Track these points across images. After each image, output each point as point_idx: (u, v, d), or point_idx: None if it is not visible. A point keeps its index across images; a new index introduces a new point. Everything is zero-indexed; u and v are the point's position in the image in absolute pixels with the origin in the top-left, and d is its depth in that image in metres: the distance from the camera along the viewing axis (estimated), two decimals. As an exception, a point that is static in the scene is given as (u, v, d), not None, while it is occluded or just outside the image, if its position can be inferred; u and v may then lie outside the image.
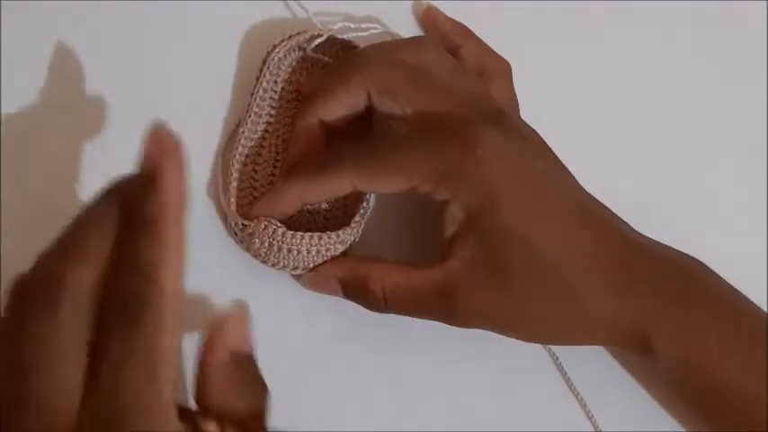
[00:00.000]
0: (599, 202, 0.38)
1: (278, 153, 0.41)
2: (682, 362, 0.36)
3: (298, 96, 0.41)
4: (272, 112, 0.41)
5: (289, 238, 0.36)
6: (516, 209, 0.35)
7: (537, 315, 0.36)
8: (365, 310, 0.38)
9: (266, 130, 0.41)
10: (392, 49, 0.39)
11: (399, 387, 0.40)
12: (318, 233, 0.37)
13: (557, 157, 0.38)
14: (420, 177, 0.35)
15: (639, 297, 0.36)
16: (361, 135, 0.40)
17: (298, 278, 0.39)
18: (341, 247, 0.38)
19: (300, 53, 0.41)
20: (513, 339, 0.37)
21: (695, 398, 0.38)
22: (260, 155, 0.40)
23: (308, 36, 0.40)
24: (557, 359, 0.41)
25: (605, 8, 0.47)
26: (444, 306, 0.36)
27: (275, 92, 0.41)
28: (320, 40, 0.40)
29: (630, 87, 0.46)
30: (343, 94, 0.37)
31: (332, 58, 0.42)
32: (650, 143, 0.46)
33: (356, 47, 0.41)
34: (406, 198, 0.37)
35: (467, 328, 0.37)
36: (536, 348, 0.41)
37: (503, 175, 0.35)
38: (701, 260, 0.38)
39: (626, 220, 0.38)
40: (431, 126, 0.36)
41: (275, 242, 0.36)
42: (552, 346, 0.41)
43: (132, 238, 0.25)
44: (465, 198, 0.35)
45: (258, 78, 0.40)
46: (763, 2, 0.49)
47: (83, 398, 0.24)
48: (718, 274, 0.38)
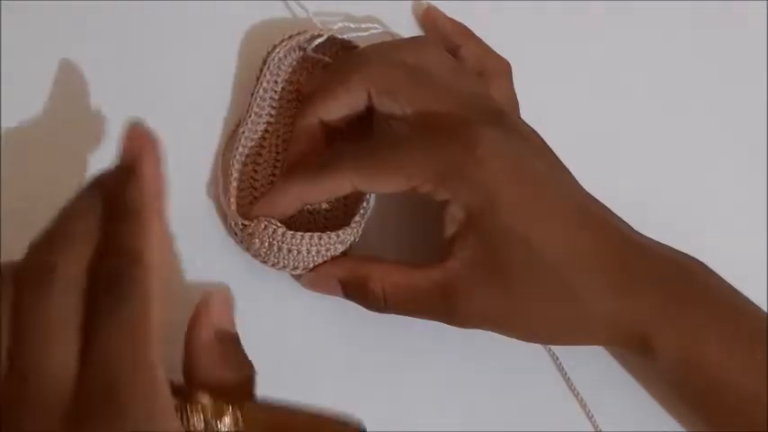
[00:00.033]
0: (599, 202, 0.38)
1: (278, 153, 0.41)
2: (682, 362, 0.36)
3: (298, 96, 0.41)
4: (272, 112, 0.41)
5: (289, 238, 0.36)
6: (516, 209, 0.35)
7: (537, 315, 0.36)
8: (365, 310, 0.38)
9: (266, 130, 0.41)
10: (392, 49, 0.39)
11: (399, 387, 0.40)
12: (318, 233, 0.37)
13: (557, 157, 0.38)
14: (420, 177, 0.35)
15: (639, 297, 0.36)
16: (361, 135, 0.40)
17: (298, 278, 0.39)
18: (341, 247, 0.38)
19: (300, 53, 0.41)
20: (513, 339, 0.37)
21: (695, 398, 0.38)
22: (260, 155, 0.40)
23: (308, 36, 0.40)
24: (557, 359, 0.41)
25: (605, 8, 0.47)
26: (444, 306, 0.36)
27: (275, 92, 0.41)
28: (320, 40, 0.40)
29: (630, 87, 0.46)
30: (344, 94, 0.37)
31: (332, 58, 0.42)
32: (650, 143, 0.46)
33: (356, 47, 0.41)
34: (406, 198, 0.37)
35: (467, 328, 0.37)
36: (536, 348, 0.41)
37: (503, 175, 0.35)
38: (700, 260, 0.38)
39: (626, 220, 0.38)
40: (431, 126, 0.36)
41: (275, 242, 0.36)
42: (552, 346, 0.41)
43: (115, 225, 0.27)
44: (465, 198, 0.35)
45: (258, 78, 0.40)
46: (763, 2, 0.49)
47: (78, 375, 0.25)
48: (718, 274, 0.38)
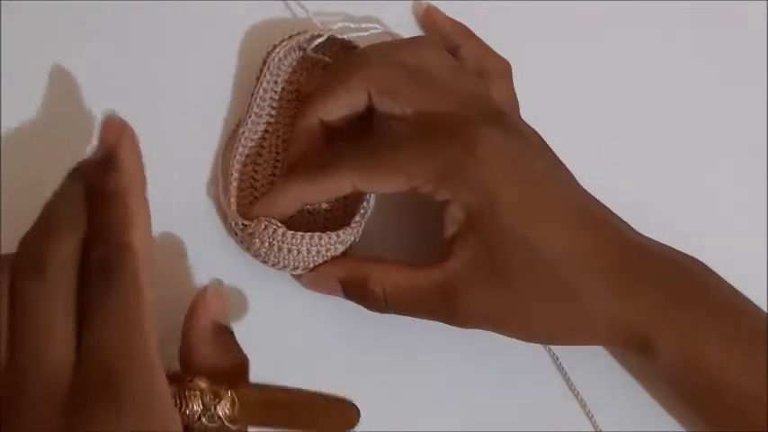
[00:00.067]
0: (599, 202, 0.38)
1: (278, 153, 0.41)
2: (682, 362, 0.36)
3: (298, 96, 0.41)
4: (272, 112, 0.41)
5: (289, 238, 0.36)
6: (516, 209, 0.35)
7: (537, 315, 0.36)
8: (365, 310, 0.38)
9: (266, 131, 0.41)
10: (392, 49, 0.39)
11: (399, 387, 0.40)
12: (318, 233, 0.37)
13: (557, 157, 0.38)
14: (420, 177, 0.35)
15: (639, 297, 0.36)
16: (361, 135, 0.40)
17: (298, 278, 0.39)
18: (341, 247, 0.38)
19: (300, 53, 0.41)
20: (513, 339, 0.37)
21: (695, 398, 0.38)
22: (260, 155, 0.40)
23: (308, 36, 0.40)
24: (557, 359, 0.41)
25: (605, 8, 0.47)
26: (444, 306, 0.36)
27: (275, 92, 0.41)
28: (320, 40, 0.40)
29: (630, 87, 0.46)
30: (344, 94, 0.37)
31: (332, 58, 0.42)
32: (650, 143, 0.46)
33: (356, 47, 0.41)
34: (406, 198, 0.37)
35: (467, 328, 0.37)
36: (536, 348, 0.41)
37: (503, 175, 0.35)
38: (700, 260, 0.38)
39: (626, 220, 0.38)
40: (431, 126, 0.36)
41: (275, 242, 0.36)
42: (552, 346, 0.41)
43: (100, 211, 0.28)
44: (465, 198, 0.35)
45: (258, 78, 0.40)
46: (763, 2, 0.49)
47: (75, 365, 0.26)
48: (718, 274, 0.38)
